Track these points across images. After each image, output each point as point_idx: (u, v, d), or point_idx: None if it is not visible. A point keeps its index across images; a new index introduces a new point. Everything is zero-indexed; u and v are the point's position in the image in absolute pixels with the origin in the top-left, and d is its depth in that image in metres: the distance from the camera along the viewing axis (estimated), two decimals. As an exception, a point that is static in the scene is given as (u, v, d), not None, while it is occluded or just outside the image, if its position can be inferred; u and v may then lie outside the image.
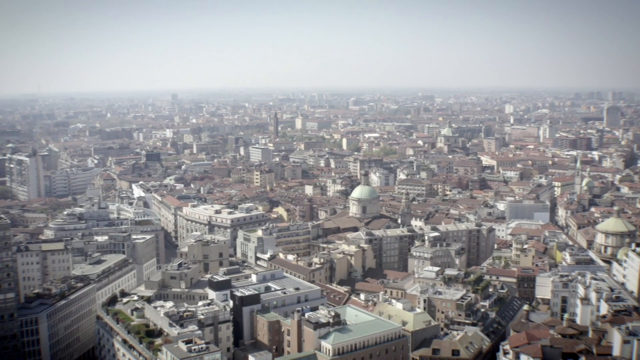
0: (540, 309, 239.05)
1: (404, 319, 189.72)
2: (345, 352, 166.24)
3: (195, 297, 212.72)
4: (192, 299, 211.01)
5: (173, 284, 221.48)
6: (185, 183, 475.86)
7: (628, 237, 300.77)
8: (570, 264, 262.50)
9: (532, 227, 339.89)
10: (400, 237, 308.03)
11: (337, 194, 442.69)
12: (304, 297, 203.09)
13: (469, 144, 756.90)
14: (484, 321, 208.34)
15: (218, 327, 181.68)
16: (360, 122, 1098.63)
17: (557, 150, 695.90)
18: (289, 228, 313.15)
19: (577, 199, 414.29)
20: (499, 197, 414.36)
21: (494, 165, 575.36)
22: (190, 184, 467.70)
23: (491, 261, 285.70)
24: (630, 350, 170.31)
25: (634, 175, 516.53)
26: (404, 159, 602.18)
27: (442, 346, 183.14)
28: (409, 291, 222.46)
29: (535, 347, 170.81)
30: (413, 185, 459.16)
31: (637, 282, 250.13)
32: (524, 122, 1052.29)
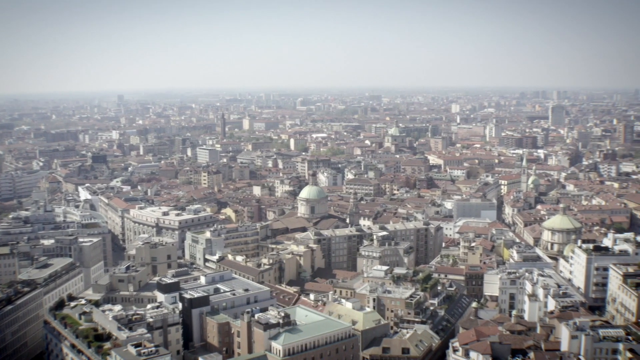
0: (488, 306, 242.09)
1: (354, 318, 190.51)
2: (296, 353, 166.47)
3: (144, 300, 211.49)
4: (140, 302, 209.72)
5: (121, 287, 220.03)
6: (132, 185, 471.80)
7: (574, 233, 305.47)
8: (517, 261, 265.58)
9: (480, 225, 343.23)
10: (348, 236, 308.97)
11: (286, 195, 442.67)
12: (253, 298, 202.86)
13: (416, 144, 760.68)
14: (433, 319, 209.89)
15: (167, 330, 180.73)
16: (308, 123, 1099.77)
17: (503, 149, 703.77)
18: (237, 229, 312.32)
19: (524, 196, 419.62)
20: (446, 196, 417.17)
21: (441, 164, 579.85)
22: (137, 186, 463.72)
23: (439, 259, 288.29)
24: (578, 345, 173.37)
25: (579, 173, 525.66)
26: (351, 159, 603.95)
27: (392, 345, 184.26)
28: (359, 290, 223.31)
29: (484, 343, 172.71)
30: (361, 184, 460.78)
31: (583, 278, 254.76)
32: (470, 122, 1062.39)
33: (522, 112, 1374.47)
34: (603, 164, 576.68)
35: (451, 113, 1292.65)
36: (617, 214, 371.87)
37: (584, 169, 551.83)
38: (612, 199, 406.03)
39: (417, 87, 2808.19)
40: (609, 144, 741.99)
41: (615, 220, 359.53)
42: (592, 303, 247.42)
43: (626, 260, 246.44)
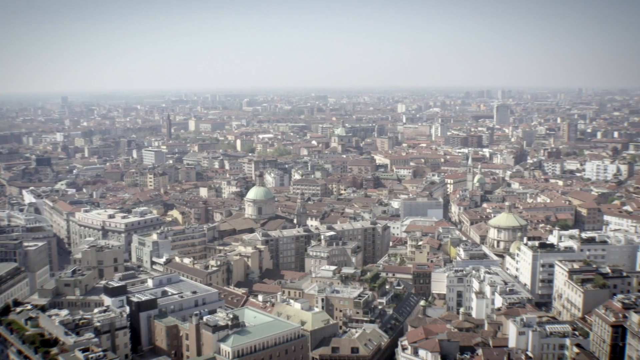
0: (436, 304, 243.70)
1: (303, 319, 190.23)
2: (245, 354, 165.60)
3: (91, 304, 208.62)
4: (87, 306, 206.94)
5: (67, 291, 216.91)
6: (77, 188, 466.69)
7: (519, 231, 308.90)
8: (464, 259, 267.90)
9: (426, 224, 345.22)
10: (296, 237, 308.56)
11: (232, 196, 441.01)
12: (201, 301, 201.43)
13: (362, 144, 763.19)
14: (382, 318, 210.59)
15: (115, 334, 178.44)
16: (254, 123, 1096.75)
17: (449, 148, 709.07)
18: (184, 231, 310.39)
19: (470, 195, 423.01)
20: (393, 195, 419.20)
21: (387, 164, 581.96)
22: (83, 189, 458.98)
23: (387, 258, 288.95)
24: (526, 341, 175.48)
25: (524, 171, 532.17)
26: (298, 159, 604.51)
27: (341, 344, 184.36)
28: (307, 291, 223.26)
29: (432, 341, 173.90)
30: (308, 185, 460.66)
31: (529, 275, 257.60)
32: (416, 121, 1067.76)
33: (467, 111, 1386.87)
34: (547, 162, 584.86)
35: (397, 113, 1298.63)
36: (562, 211, 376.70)
37: (529, 167, 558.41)
38: (557, 197, 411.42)
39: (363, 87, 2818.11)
40: (553, 143, 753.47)
41: (560, 217, 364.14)
42: (538, 299, 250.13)
43: (571, 256, 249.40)
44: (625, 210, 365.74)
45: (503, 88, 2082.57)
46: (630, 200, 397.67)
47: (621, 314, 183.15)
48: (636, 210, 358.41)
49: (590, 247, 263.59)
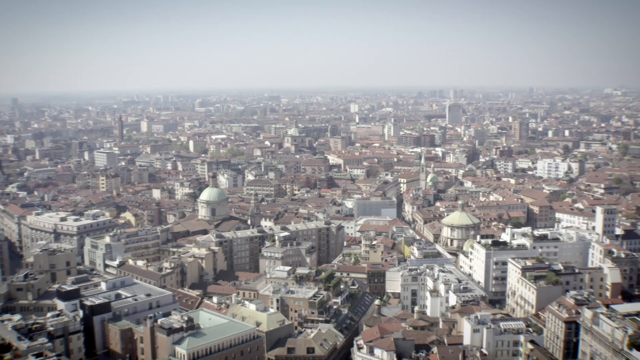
0: (391, 303, 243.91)
1: (258, 320, 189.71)
2: (200, 357, 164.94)
3: (44, 308, 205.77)
4: (40, 311, 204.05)
5: (20, 295, 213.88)
6: (29, 190, 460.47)
7: (473, 229, 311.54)
8: (418, 257, 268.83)
9: (380, 223, 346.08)
10: (250, 238, 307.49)
11: (186, 197, 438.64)
12: (155, 303, 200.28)
13: (315, 144, 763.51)
14: (337, 318, 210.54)
15: (69, 339, 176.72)
16: (207, 124, 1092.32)
17: (402, 148, 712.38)
18: (137, 233, 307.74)
19: (423, 194, 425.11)
20: (346, 195, 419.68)
21: (341, 164, 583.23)
22: (34, 191, 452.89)
23: (341, 258, 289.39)
24: (480, 339, 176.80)
25: (477, 170, 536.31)
26: (251, 160, 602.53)
27: (296, 345, 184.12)
28: (262, 292, 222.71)
29: (388, 340, 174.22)
30: (261, 185, 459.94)
31: (483, 273, 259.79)
32: (369, 121, 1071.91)
33: (419, 111, 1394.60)
34: (500, 160, 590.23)
35: (350, 113, 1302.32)
36: (514, 209, 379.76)
37: (481, 166, 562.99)
38: (509, 195, 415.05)
39: (316, 87, 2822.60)
40: (505, 141, 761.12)
41: (513, 215, 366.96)
42: (492, 297, 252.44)
43: (524, 254, 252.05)
44: (577, 208, 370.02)
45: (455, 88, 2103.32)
46: (582, 197, 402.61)
47: (574, 310, 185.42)
48: (587, 208, 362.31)
49: (543, 245, 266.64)
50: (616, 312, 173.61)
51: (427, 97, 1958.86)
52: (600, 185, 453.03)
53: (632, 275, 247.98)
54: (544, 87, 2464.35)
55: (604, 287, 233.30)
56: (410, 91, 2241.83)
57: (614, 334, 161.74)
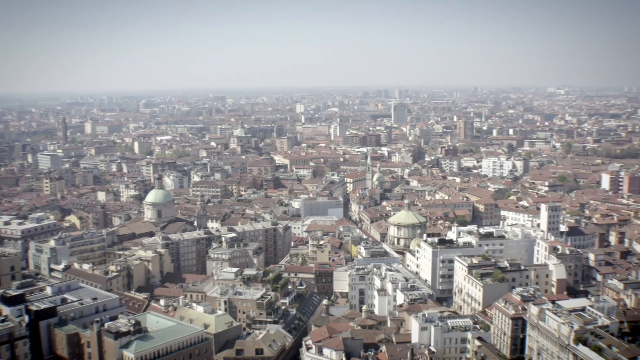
0: (339, 303, 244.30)
1: (206, 322, 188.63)
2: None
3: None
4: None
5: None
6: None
7: (419, 228, 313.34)
8: (365, 257, 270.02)
9: (327, 223, 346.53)
10: (197, 239, 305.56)
11: (131, 199, 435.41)
12: (102, 307, 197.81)
13: (261, 144, 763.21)
14: (285, 318, 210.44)
15: (14, 344, 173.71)
16: (152, 125, 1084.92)
17: (348, 148, 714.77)
18: (82, 237, 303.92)
19: (369, 193, 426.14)
20: (293, 196, 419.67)
21: (287, 164, 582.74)
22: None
23: (289, 259, 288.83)
24: (428, 336, 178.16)
25: (422, 169, 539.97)
26: (197, 161, 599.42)
27: (245, 346, 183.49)
28: (209, 293, 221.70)
29: (336, 340, 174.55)
30: (208, 187, 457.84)
31: (430, 271, 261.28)
32: (314, 121, 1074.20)
33: (365, 110, 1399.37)
34: (445, 159, 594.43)
35: (296, 113, 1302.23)
36: (460, 208, 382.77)
37: (427, 165, 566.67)
38: (455, 193, 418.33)
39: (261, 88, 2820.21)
40: (450, 140, 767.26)
41: (458, 213, 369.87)
42: (439, 295, 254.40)
43: (470, 252, 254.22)
44: (522, 205, 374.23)
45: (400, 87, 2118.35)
46: (526, 195, 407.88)
47: (520, 307, 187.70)
48: (532, 205, 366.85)
49: (489, 242, 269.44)
50: (562, 307, 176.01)
51: (373, 97, 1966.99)
52: (544, 183, 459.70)
53: (576, 271, 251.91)
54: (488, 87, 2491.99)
55: (549, 283, 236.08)
56: (356, 91, 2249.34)
57: (560, 330, 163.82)
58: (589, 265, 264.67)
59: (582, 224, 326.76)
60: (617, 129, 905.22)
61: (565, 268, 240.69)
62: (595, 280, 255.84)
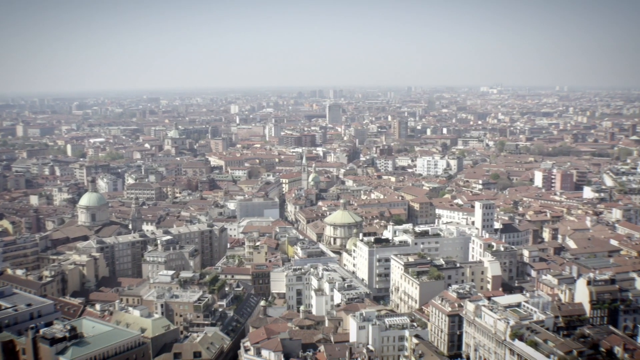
0: (276, 304, 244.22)
1: (143, 326, 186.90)
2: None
3: None
4: None
5: None
6: None
7: (355, 227, 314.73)
8: (302, 257, 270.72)
9: (263, 224, 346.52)
10: (132, 243, 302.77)
11: (65, 203, 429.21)
12: (37, 313, 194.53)
13: (196, 145, 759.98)
14: (223, 320, 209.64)
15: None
16: (85, 127, 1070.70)
17: (283, 148, 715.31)
18: (15, 241, 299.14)
19: (305, 194, 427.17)
20: (229, 197, 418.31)
21: (222, 165, 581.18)
22: None
23: (225, 260, 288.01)
24: (366, 335, 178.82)
25: (358, 169, 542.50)
26: (131, 163, 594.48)
27: (183, 349, 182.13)
28: (145, 297, 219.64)
29: (274, 341, 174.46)
30: (142, 189, 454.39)
31: (367, 270, 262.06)
32: (249, 122, 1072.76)
33: (300, 111, 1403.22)
34: (380, 159, 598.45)
35: (230, 114, 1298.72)
36: (395, 207, 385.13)
37: (362, 165, 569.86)
38: (390, 193, 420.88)
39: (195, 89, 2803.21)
40: (385, 140, 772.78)
41: (394, 212, 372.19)
42: (376, 293, 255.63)
43: (406, 250, 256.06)
44: (456, 204, 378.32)
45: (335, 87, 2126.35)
46: (460, 193, 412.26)
47: (457, 304, 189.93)
48: (466, 203, 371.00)
49: (424, 241, 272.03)
50: (497, 304, 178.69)
51: (308, 97, 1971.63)
52: (478, 181, 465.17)
53: (511, 267, 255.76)
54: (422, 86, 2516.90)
55: (485, 280, 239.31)
56: (290, 91, 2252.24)
57: (496, 326, 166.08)
58: (523, 261, 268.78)
59: (515, 221, 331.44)
60: (549, 127, 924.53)
61: (500, 265, 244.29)
62: (529, 276, 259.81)
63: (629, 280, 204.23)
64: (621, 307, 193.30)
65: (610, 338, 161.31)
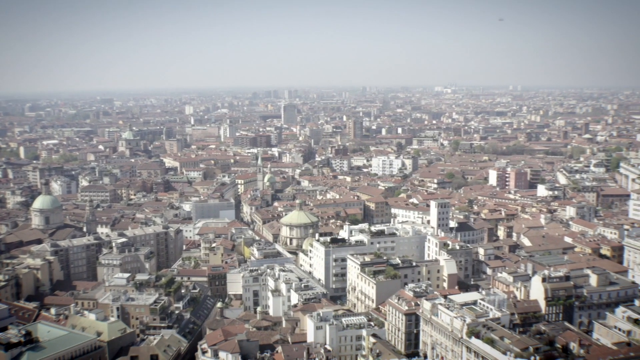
0: (233, 305, 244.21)
1: (99, 330, 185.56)
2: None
3: None
4: None
5: None
6: None
7: (311, 228, 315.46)
8: (258, 258, 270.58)
9: (219, 226, 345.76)
10: (87, 245, 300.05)
11: (18, 206, 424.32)
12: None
13: (151, 147, 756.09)
14: (180, 323, 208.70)
15: None
16: (38, 129, 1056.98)
17: (239, 149, 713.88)
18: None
19: (261, 194, 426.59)
20: (184, 198, 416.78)
21: (177, 167, 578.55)
22: None
23: (181, 262, 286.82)
24: (324, 335, 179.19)
25: (313, 169, 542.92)
26: (85, 165, 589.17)
27: (140, 353, 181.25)
28: (101, 300, 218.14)
29: (232, 342, 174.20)
30: (96, 191, 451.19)
31: (323, 270, 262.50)
32: (204, 123, 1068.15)
33: (255, 111, 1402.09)
34: (335, 159, 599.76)
35: (185, 115, 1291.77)
36: (351, 206, 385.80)
37: (318, 165, 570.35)
38: (346, 192, 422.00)
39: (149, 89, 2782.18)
40: (340, 140, 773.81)
41: (350, 212, 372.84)
42: (333, 293, 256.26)
43: (362, 250, 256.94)
44: (412, 203, 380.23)
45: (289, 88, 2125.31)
46: (416, 192, 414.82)
47: (413, 302, 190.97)
48: (422, 202, 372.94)
49: (380, 240, 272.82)
50: (454, 302, 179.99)
51: (263, 97, 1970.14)
52: (433, 180, 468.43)
53: (467, 265, 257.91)
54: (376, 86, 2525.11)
55: (441, 278, 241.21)
56: (245, 92, 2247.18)
57: (453, 324, 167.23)
58: (478, 259, 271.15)
59: (471, 219, 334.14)
60: (503, 127, 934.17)
61: (456, 263, 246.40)
62: (485, 274, 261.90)
63: (583, 277, 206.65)
64: (576, 304, 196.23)
65: (565, 334, 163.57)
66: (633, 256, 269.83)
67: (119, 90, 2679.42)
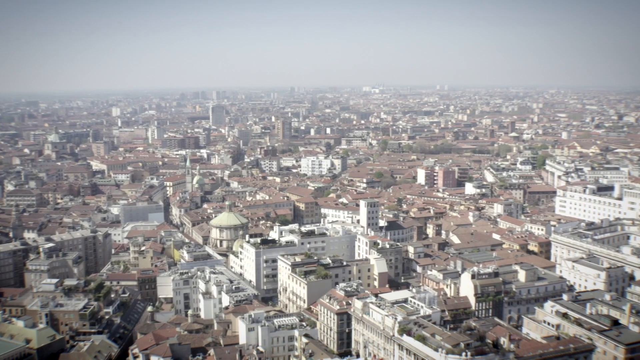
0: (164, 309, 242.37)
1: (27, 337, 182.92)
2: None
3: None
4: None
5: None
6: None
7: (241, 229, 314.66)
8: (188, 261, 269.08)
9: (148, 229, 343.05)
10: (13, 251, 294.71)
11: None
12: None
13: (77, 150, 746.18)
14: (110, 328, 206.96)
15: None
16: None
17: (167, 151, 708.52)
18: None
19: (190, 197, 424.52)
20: (112, 201, 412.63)
21: (104, 170, 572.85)
22: None
23: (110, 266, 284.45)
24: (256, 337, 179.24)
25: (242, 170, 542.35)
26: (10, 169, 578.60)
27: (70, 359, 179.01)
28: (29, 307, 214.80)
29: (163, 346, 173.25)
30: (22, 196, 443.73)
31: (254, 272, 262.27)
32: (131, 125, 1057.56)
33: (183, 113, 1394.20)
34: (264, 160, 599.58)
35: (112, 117, 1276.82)
36: (281, 207, 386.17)
37: (247, 166, 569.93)
38: (275, 193, 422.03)
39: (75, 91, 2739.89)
40: (269, 141, 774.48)
41: (280, 213, 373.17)
42: (264, 295, 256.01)
43: (293, 250, 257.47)
44: (341, 203, 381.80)
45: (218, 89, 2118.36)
46: (345, 192, 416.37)
47: (345, 302, 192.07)
48: (351, 202, 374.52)
49: (311, 240, 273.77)
50: (385, 300, 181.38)
51: (190, 99, 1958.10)
52: (362, 179, 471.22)
53: (397, 264, 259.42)
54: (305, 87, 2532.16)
55: (371, 277, 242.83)
56: (172, 93, 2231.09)
57: (385, 322, 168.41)
58: (408, 257, 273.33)
59: (400, 218, 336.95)
60: (431, 126, 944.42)
61: (386, 261, 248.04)
62: (415, 272, 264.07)
63: (511, 273, 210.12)
64: (505, 299, 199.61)
65: (495, 329, 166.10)
66: (560, 251, 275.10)
67: (45, 92, 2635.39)
